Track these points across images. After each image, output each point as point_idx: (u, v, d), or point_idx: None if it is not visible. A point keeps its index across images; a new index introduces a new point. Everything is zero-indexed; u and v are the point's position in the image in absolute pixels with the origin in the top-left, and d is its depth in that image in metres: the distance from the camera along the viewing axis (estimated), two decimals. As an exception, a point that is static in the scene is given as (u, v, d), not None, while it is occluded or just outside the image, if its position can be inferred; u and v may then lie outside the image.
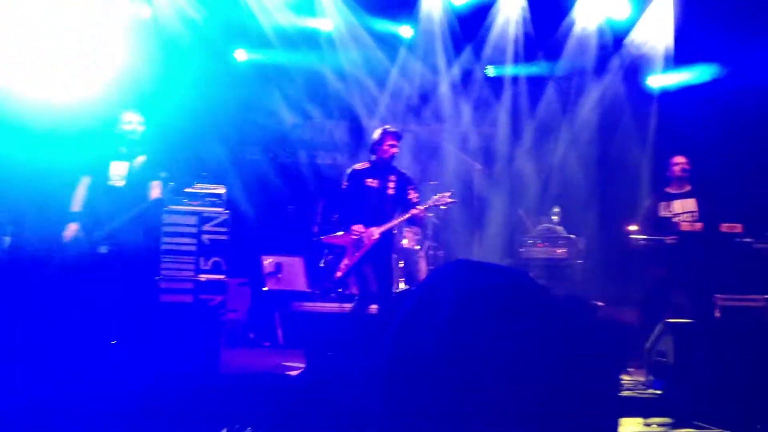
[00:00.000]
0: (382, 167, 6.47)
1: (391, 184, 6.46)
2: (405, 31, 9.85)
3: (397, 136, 6.45)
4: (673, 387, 5.30)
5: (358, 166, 6.57)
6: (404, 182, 6.53)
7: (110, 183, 6.13)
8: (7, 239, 6.68)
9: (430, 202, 6.49)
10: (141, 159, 6.24)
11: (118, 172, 6.15)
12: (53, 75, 7.53)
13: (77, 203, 6.08)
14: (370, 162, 6.54)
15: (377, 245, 6.34)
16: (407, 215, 6.44)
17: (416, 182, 6.93)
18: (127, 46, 8.08)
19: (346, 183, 6.47)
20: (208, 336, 5.06)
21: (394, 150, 6.43)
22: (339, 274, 6.56)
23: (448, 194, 6.53)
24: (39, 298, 5.84)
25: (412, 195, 6.50)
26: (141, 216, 6.12)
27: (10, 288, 6.19)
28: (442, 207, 6.60)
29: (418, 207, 6.38)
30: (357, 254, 6.34)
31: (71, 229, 5.97)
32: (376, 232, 6.33)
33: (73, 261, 5.93)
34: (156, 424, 4.42)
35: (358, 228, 6.31)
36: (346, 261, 6.40)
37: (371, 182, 6.43)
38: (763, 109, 8.69)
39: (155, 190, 6.17)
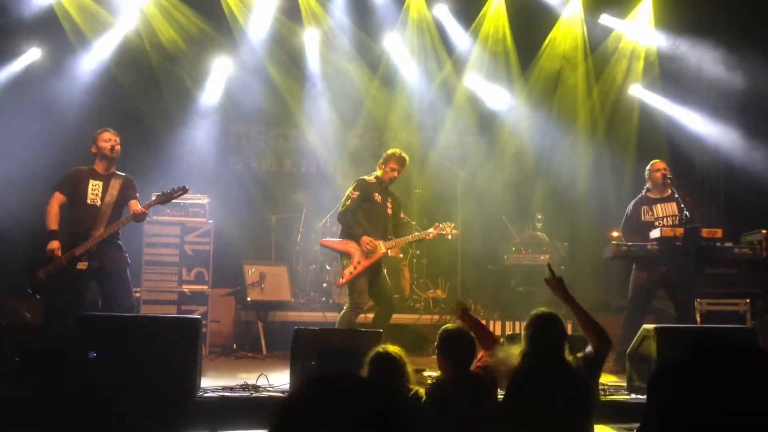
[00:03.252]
0: (385, 186, 6.62)
1: (389, 204, 6.63)
2: (387, 39, 9.84)
3: (403, 163, 6.58)
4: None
5: (367, 178, 6.65)
6: (398, 204, 6.78)
7: (88, 201, 6.06)
8: None
9: (437, 231, 6.62)
10: (118, 178, 6.19)
11: (95, 191, 6.10)
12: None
13: (53, 221, 5.99)
14: (376, 178, 6.63)
15: (378, 260, 6.45)
16: (417, 236, 6.79)
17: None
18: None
19: (356, 193, 6.51)
20: (189, 348, 4.99)
21: (395, 174, 6.58)
22: (343, 281, 6.53)
23: (452, 225, 6.72)
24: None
25: (404, 216, 6.82)
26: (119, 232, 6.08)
27: None
28: (447, 237, 6.72)
29: (428, 232, 6.65)
30: (363, 264, 6.37)
31: (52, 247, 5.86)
32: (383, 246, 6.45)
33: (54, 276, 5.87)
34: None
35: (368, 239, 6.35)
36: (351, 269, 6.41)
37: (377, 197, 6.56)
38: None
39: (134, 207, 6.10)
